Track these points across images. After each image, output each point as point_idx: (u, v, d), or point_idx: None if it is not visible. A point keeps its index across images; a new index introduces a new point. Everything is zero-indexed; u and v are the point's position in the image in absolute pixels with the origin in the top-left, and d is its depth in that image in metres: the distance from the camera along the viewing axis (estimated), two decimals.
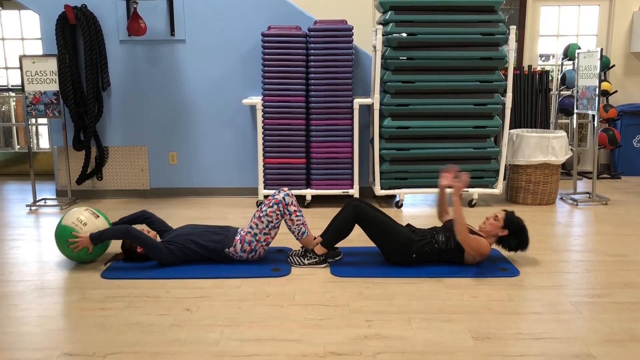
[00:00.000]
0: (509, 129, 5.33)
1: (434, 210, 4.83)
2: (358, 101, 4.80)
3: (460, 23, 4.66)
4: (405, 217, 4.60)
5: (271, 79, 4.78)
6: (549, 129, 6.16)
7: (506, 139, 4.93)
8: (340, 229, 3.36)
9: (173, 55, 5.14)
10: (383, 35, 4.70)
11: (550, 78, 6.29)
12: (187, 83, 5.19)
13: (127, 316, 2.75)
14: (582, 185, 5.87)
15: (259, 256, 3.46)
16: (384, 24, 4.76)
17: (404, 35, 4.67)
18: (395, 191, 4.89)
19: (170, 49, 5.13)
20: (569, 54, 6.11)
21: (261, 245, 3.40)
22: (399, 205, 4.92)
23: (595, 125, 5.04)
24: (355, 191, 4.92)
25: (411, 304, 2.88)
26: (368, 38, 6.02)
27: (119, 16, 5.04)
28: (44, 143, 6.78)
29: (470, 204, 4.98)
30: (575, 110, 5.29)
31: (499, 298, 2.95)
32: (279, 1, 5.05)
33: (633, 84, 6.50)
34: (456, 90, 4.77)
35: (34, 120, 6.51)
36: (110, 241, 3.56)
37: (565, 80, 6.15)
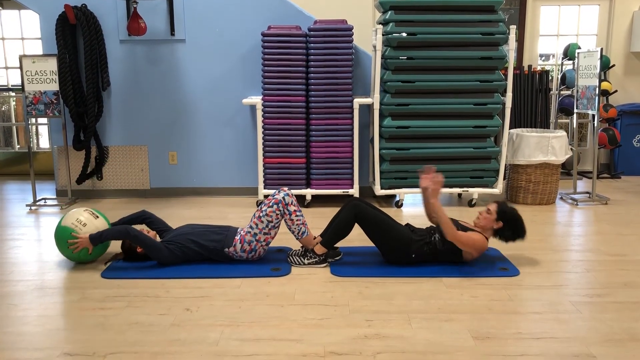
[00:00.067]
0: (509, 129, 5.33)
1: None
2: (358, 101, 4.80)
3: (460, 23, 4.66)
4: (405, 217, 4.60)
5: (271, 79, 4.78)
6: (549, 128, 6.15)
7: (506, 139, 4.93)
8: (340, 228, 3.36)
9: (173, 55, 5.14)
10: (383, 34, 4.70)
11: (550, 78, 6.29)
12: (187, 83, 5.19)
13: (127, 316, 2.75)
14: (582, 185, 5.87)
15: (258, 256, 3.46)
16: (384, 23, 4.76)
17: (404, 34, 4.67)
18: (395, 191, 4.89)
19: (170, 48, 5.13)
20: (569, 53, 6.11)
21: (261, 245, 3.40)
22: (399, 205, 4.93)
23: (595, 125, 5.04)
24: (355, 191, 4.92)
25: (411, 303, 2.88)
26: (368, 38, 6.02)
27: (119, 16, 5.04)
28: (44, 143, 6.78)
29: (470, 203, 4.98)
30: (575, 110, 5.29)
31: (499, 298, 2.95)
32: (279, 1, 5.05)
33: (633, 83, 6.50)
34: (456, 90, 4.77)
35: (34, 120, 6.51)
36: (110, 241, 3.56)
37: (565, 80, 6.15)
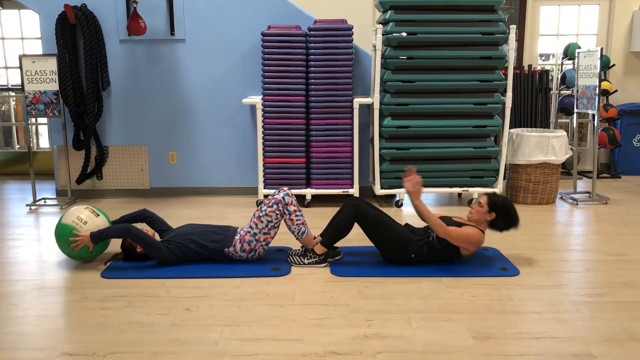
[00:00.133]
0: (509, 129, 5.32)
1: (432, 210, 4.83)
2: (358, 100, 4.80)
3: (460, 22, 4.66)
4: (405, 217, 4.60)
5: (271, 79, 4.78)
6: (549, 128, 6.15)
7: (506, 139, 4.92)
8: (339, 228, 3.36)
9: (173, 55, 5.14)
10: (383, 34, 4.70)
11: (550, 77, 6.29)
12: (187, 83, 5.19)
13: (127, 316, 2.75)
14: (582, 184, 5.87)
15: (258, 256, 3.46)
16: (384, 23, 4.75)
17: (404, 34, 4.67)
18: (395, 190, 4.89)
19: (170, 48, 5.13)
20: (569, 53, 6.11)
21: (261, 245, 3.40)
22: (399, 204, 4.92)
23: (595, 124, 5.04)
24: (355, 190, 4.92)
25: (411, 303, 2.88)
26: (368, 37, 6.02)
27: (118, 16, 5.04)
28: (44, 142, 6.78)
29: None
30: (575, 110, 5.29)
31: (498, 297, 2.95)
32: (279, 1, 5.05)
33: (633, 83, 6.50)
34: (456, 90, 4.76)
35: (33, 119, 6.51)
36: (110, 240, 3.55)
37: (565, 80, 6.15)
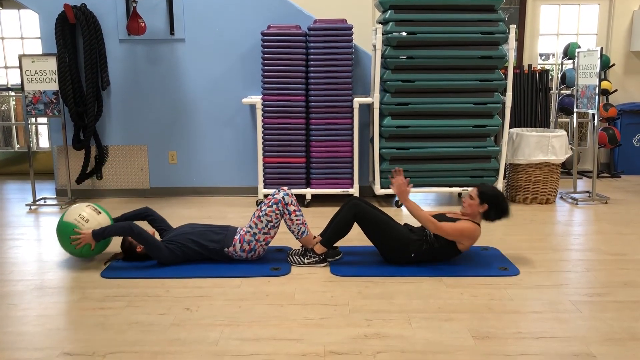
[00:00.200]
0: (509, 128, 5.32)
1: (429, 210, 4.83)
2: (358, 100, 4.80)
3: (460, 22, 4.65)
4: (404, 217, 4.60)
5: (271, 78, 4.78)
6: (549, 128, 6.15)
7: (506, 138, 4.92)
8: (339, 227, 3.36)
9: (173, 55, 5.14)
10: (383, 34, 4.70)
11: (550, 77, 6.29)
12: (187, 82, 5.19)
13: (127, 315, 2.75)
14: (582, 184, 5.87)
15: (258, 255, 3.45)
16: (384, 23, 4.75)
17: (404, 34, 4.67)
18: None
19: (170, 48, 5.13)
20: (569, 52, 6.11)
21: (260, 244, 3.40)
22: (399, 204, 4.92)
23: (595, 124, 5.04)
24: (355, 190, 4.92)
25: (411, 303, 2.88)
26: (368, 37, 6.02)
27: (118, 15, 5.04)
28: (44, 142, 6.78)
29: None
30: (575, 109, 5.29)
31: (498, 297, 2.95)
32: (279, 0, 5.05)
33: (633, 83, 6.50)
34: (456, 89, 4.76)
35: (33, 119, 6.51)
36: (112, 237, 3.54)
37: (565, 79, 6.15)
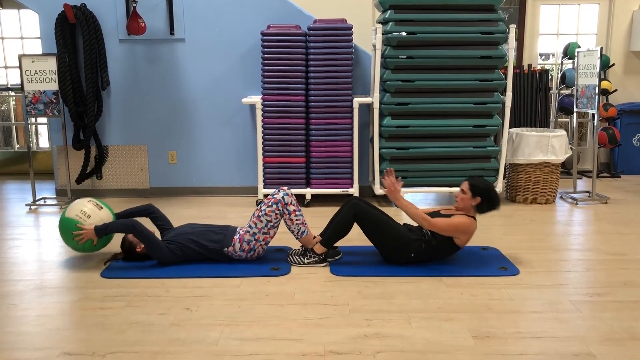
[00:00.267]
0: (509, 128, 5.33)
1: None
2: (358, 100, 4.80)
3: (460, 22, 4.65)
4: (404, 217, 4.60)
5: (271, 78, 4.78)
6: (549, 127, 6.15)
7: (506, 138, 4.92)
8: (339, 227, 3.36)
9: (173, 55, 5.14)
10: (383, 34, 4.70)
11: (550, 77, 6.29)
12: (187, 82, 5.19)
13: (127, 315, 2.75)
14: (582, 184, 5.87)
15: (257, 255, 3.45)
16: (384, 22, 4.75)
17: (404, 34, 4.67)
18: None
19: (170, 48, 5.13)
20: (569, 52, 6.11)
21: (260, 244, 3.40)
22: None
23: (595, 124, 5.04)
24: (355, 190, 4.92)
25: (411, 303, 2.88)
26: (368, 37, 6.02)
27: (118, 15, 5.04)
28: (44, 142, 6.78)
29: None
30: (575, 109, 5.29)
31: (498, 297, 2.95)
32: (279, 0, 5.05)
33: (633, 82, 6.50)
34: (456, 89, 4.76)
35: (33, 119, 6.50)
36: (114, 233, 3.51)
37: (565, 79, 6.15)
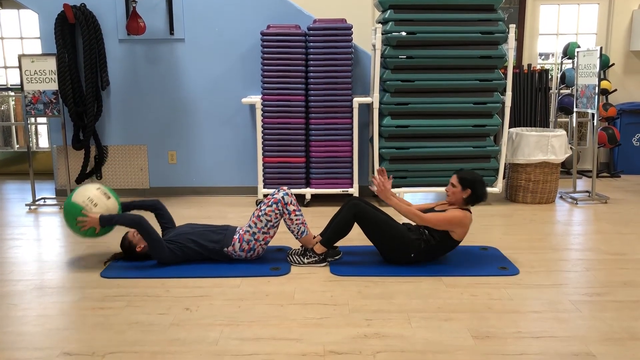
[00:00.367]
0: (509, 128, 5.33)
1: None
2: (357, 100, 4.80)
3: (460, 22, 4.65)
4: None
5: (270, 78, 4.78)
6: (549, 127, 6.15)
7: (506, 138, 4.92)
8: (339, 227, 3.36)
9: (172, 55, 5.14)
10: (382, 34, 4.69)
11: (549, 77, 6.29)
12: (187, 82, 5.18)
13: (127, 315, 2.75)
14: (582, 183, 5.87)
15: (257, 255, 3.45)
16: (384, 22, 4.75)
17: (404, 34, 4.67)
18: (394, 190, 4.87)
19: (170, 48, 5.13)
20: (569, 52, 6.11)
21: (260, 244, 3.40)
22: None
23: (595, 123, 5.04)
24: (354, 190, 4.92)
25: (411, 302, 2.88)
26: (367, 37, 6.01)
27: (118, 15, 5.04)
28: (43, 142, 6.78)
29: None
30: (574, 109, 5.29)
31: (498, 297, 2.95)
32: (279, 0, 5.05)
33: (632, 82, 6.50)
34: (456, 89, 4.76)
35: (33, 119, 6.50)
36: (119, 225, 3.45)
37: (565, 79, 6.15)
